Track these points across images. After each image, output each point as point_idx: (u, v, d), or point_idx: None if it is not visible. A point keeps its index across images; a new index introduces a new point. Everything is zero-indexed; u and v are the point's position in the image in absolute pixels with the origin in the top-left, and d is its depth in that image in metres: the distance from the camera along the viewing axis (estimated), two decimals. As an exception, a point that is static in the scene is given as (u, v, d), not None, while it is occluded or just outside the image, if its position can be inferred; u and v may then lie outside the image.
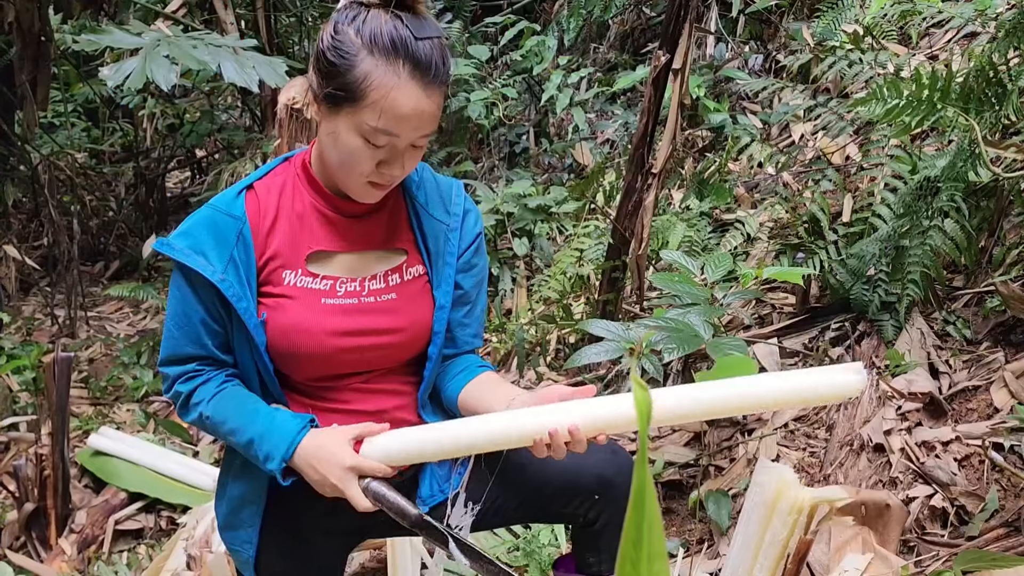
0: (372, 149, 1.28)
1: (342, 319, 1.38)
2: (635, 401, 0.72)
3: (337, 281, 1.39)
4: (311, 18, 5.63)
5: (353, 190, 1.35)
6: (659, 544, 0.57)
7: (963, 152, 2.47)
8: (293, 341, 1.36)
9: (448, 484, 1.50)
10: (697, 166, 4.42)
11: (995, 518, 2.00)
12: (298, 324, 1.36)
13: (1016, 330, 2.45)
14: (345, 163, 1.31)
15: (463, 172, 4.99)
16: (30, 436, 3.65)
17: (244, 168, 4.18)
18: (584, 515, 1.50)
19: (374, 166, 1.30)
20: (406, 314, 1.43)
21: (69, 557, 3.11)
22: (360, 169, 1.31)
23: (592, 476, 1.47)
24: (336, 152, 1.31)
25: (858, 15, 4.26)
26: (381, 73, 1.24)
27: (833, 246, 3.02)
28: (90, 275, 6.01)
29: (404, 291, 1.44)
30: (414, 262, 1.46)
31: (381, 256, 1.44)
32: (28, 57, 4.61)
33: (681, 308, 2.44)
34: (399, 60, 1.24)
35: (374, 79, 1.24)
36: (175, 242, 1.35)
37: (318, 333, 1.36)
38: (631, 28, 5.93)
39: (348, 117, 1.28)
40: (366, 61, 1.25)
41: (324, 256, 1.39)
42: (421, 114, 1.27)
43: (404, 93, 1.25)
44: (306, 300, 1.37)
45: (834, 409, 2.54)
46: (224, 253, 1.34)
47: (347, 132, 1.29)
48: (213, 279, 1.32)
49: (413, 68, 1.25)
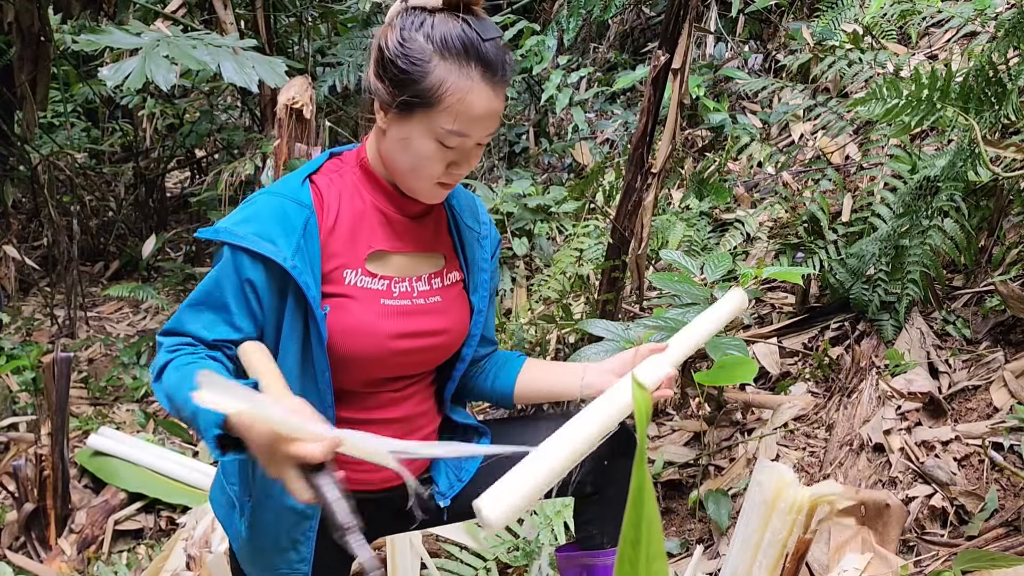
0: (444, 151, 1.30)
1: (400, 321, 1.38)
2: (634, 402, 0.72)
3: (392, 281, 1.40)
4: (310, 18, 5.63)
5: (422, 192, 1.36)
6: (658, 544, 0.57)
7: (963, 152, 2.47)
8: (354, 342, 1.34)
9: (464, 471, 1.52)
10: (697, 166, 4.42)
11: (995, 518, 2.00)
12: (360, 326, 1.34)
13: (1016, 330, 2.45)
14: (417, 167, 1.32)
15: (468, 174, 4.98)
16: (30, 436, 3.65)
17: (244, 168, 4.18)
18: (591, 482, 1.52)
19: (445, 167, 1.32)
20: (450, 317, 1.46)
21: (69, 557, 3.11)
22: (432, 171, 1.32)
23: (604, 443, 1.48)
24: (407, 156, 1.32)
25: (858, 15, 4.26)
26: (455, 78, 1.25)
27: (833, 246, 3.02)
28: (90, 275, 6.01)
29: (447, 294, 1.46)
30: (452, 268, 1.49)
31: (427, 259, 1.46)
32: (28, 57, 4.61)
33: (681, 308, 2.44)
34: (471, 63, 1.26)
35: (450, 84, 1.25)
36: (237, 229, 1.28)
37: (379, 335, 1.35)
38: (631, 28, 5.93)
39: (422, 122, 1.28)
40: (440, 67, 1.25)
41: (382, 256, 1.40)
42: (492, 114, 1.30)
43: (478, 95, 1.27)
44: (367, 301, 1.36)
45: (834, 409, 2.54)
46: (292, 240, 1.29)
47: (421, 137, 1.29)
48: (285, 265, 1.26)
49: (484, 70, 1.27)
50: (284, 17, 5.71)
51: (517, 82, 5.49)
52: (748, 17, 5.20)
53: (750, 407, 2.71)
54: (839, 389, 2.59)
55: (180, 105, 6.19)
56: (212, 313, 1.30)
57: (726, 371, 2.11)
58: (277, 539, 1.41)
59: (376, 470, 1.43)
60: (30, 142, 5.38)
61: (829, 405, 2.57)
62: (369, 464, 1.41)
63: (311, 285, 1.29)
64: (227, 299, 1.29)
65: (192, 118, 6.17)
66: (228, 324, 1.30)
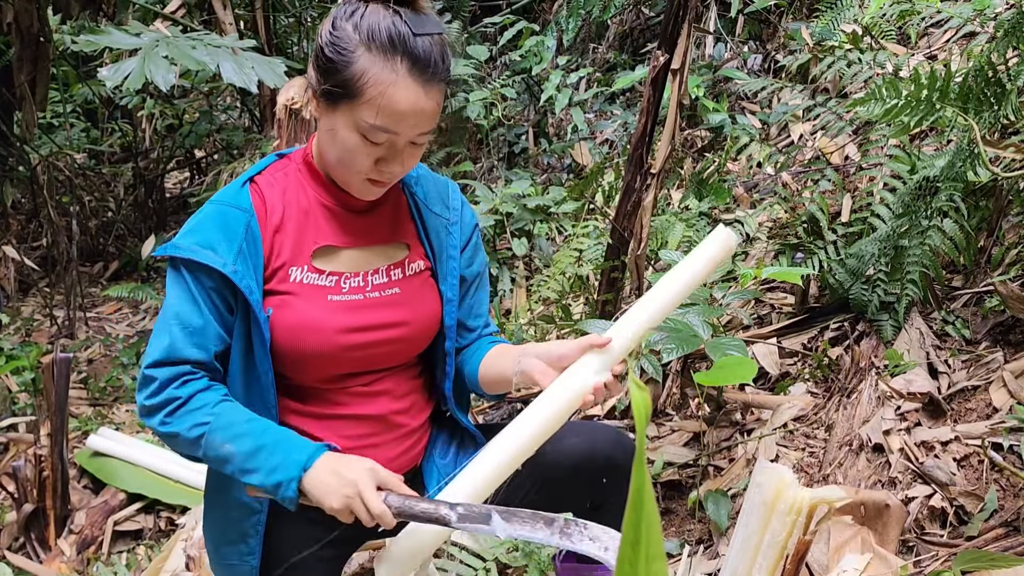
0: (370, 146, 1.27)
1: (348, 316, 1.36)
2: (634, 402, 0.72)
3: (342, 277, 1.38)
4: (310, 18, 5.63)
5: (352, 187, 1.34)
6: (657, 545, 0.57)
7: (962, 152, 2.47)
8: (300, 339, 1.33)
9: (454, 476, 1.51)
10: (696, 166, 4.42)
11: (994, 518, 2.00)
12: (306, 322, 1.33)
13: (1015, 330, 2.45)
14: (343, 160, 1.30)
15: (462, 172, 4.99)
16: (29, 437, 3.65)
17: (243, 168, 4.18)
18: (590, 499, 1.51)
19: (373, 163, 1.29)
20: (411, 308, 1.43)
21: (68, 558, 3.10)
22: (358, 166, 1.29)
23: (603, 458, 1.48)
24: (334, 149, 1.30)
25: (857, 15, 4.26)
26: (378, 70, 1.22)
27: (832, 246, 3.02)
28: (89, 276, 6.01)
29: (407, 285, 1.43)
30: (416, 257, 1.46)
31: (384, 251, 1.43)
32: (27, 58, 4.61)
33: (680, 308, 2.44)
34: (396, 56, 1.22)
35: (371, 76, 1.22)
36: (180, 242, 1.30)
37: (326, 331, 1.34)
38: (630, 28, 5.93)
39: (346, 114, 1.26)
40: (363, 57, 1.23)
41: (330, 252, 1.38)
42: (419, 112, 1.25)
43: (402, 90, 1.23)
44: (312, 297, 1.35)
45: (833, 409, 2.54)
46: (233, 245, 1.29)
47: (345, 129, 1.27)
48: (225, 271, 1.27)
49: (411, 65, 1.23)
50: (283, 17, 5.71)
51: (516, 82, 5.49)
52: (747, 17, 5.20)
53: (749, 407, 2.71)
54: (838, 389, 2.59)
55: (179, 105, 6.19)
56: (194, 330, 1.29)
57: (725, 371, 2.11)
58: (226, 531, 1.43)
59: None
60: (29, 142, 5.38)
61: (828, 405, 2.57)
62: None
63: (253, 289, 1.30)
64: (200, 314, 1.29)
65: (191, 118, 6.17)
66: (215, 337, 1.31)
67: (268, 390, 1.36)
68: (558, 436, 1.45)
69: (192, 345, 1.29)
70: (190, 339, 1.29)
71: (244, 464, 1.24)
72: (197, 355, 1.29)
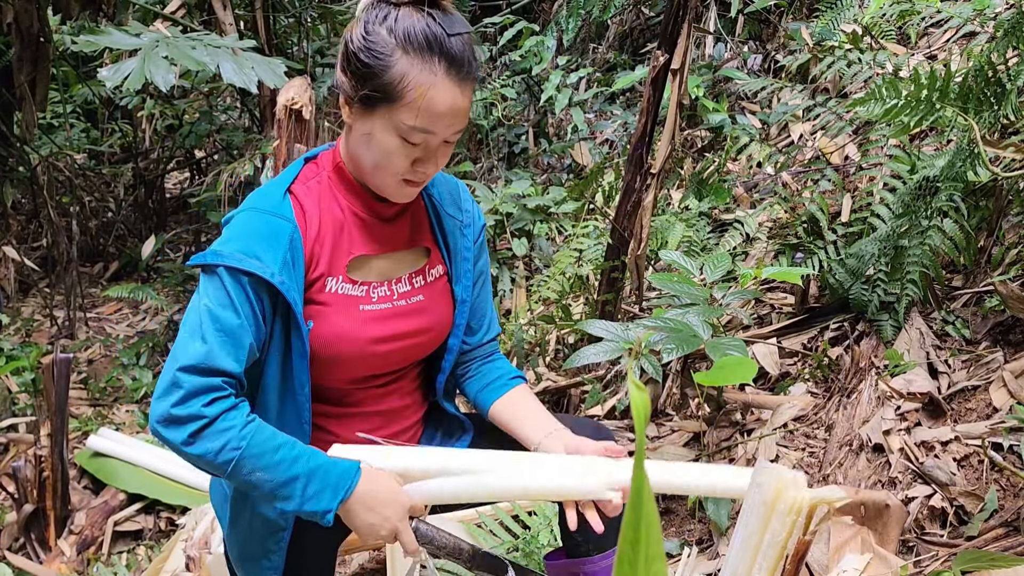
0: (408, 147, 1.28)
1: (379, 326, 1.38)
2: (633, 402, 0.72)
3: (370, 287, 1.39)
4: (310, 19, 5.62)
5: (388, 190, 1.34)
6: (657, 545, 0.57)
7: (962, 152, 2.47)
8: (336, 349, 1.34)
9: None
10: (696, 166, 4.42)
11: (994, 518, 2.00)
12: (341, 332, 1.35)
13: (1015, 330, 2.45)
14: (380, 164, 1.30)
15: (462, 172, 4.99)
16: (29, 437, 3.65)
17: (243, 169, 4.18)
18: None
19: (410, 164, 1.30)
20: (432, 314, 1.45)
21: (68, 558, 3.10)
22: (396, 168, 1.30)
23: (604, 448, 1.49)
24: (371, 153, 1.30)
25: (857, 15, 4.26)
26: (417, 72, 1.23)
27: (832, 246, 3.02)
28: (89, 276, 6.01)
29: (429, 292, 1.45)
30: (436, 262, 1.47)
31: (405, 258, 1.44)
32: (27, 58, 4.61)
33: (680, 308, 2.44)
34: (434, 58, 1.23)
35: (411, 79, 1.23)
36: (222, 249, 1.27)
37: (360, 341, 1.36)
38: (630, 28, 5.94)
39: (384, 118, 1.27)
40: (402, 61, 1.23)
41: (363, 261, 1.39)
42: (456, 111, 1.27)
43: (441, 91, 1.24)
44: (345, 307, 1.36)
45: (833, 409, 2.54)
46: (278, 255, 1.27)
47: (383, 132, 1.27)
48: (272, 281, 1.25)
49: (448, 65, 1.24)
50: (283, 18, 5.70)
51: (516, 82, 5.49)
52: (747, 17, 5.20)
53: (749, 407, 2.71)
54: (838, 389, 2.59)
55: (179, 106, 6.18)
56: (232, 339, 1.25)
57: (726, 371, 2.11)
58: (249, 546, 1.43)
59: None
60: (29, 143, 5.38)
61: (828, 405, 2.57)
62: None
63: (298, 300, 1.29)
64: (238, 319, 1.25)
65: (191, 119, 6.16)
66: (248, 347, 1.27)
67: (304, 405, 1.35)
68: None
69: (227, 354, 1.23)
70: (225, 346, 1.24)
71: (277, 492, 1.24)
72: (231, 366, 1.24)
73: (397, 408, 1.49)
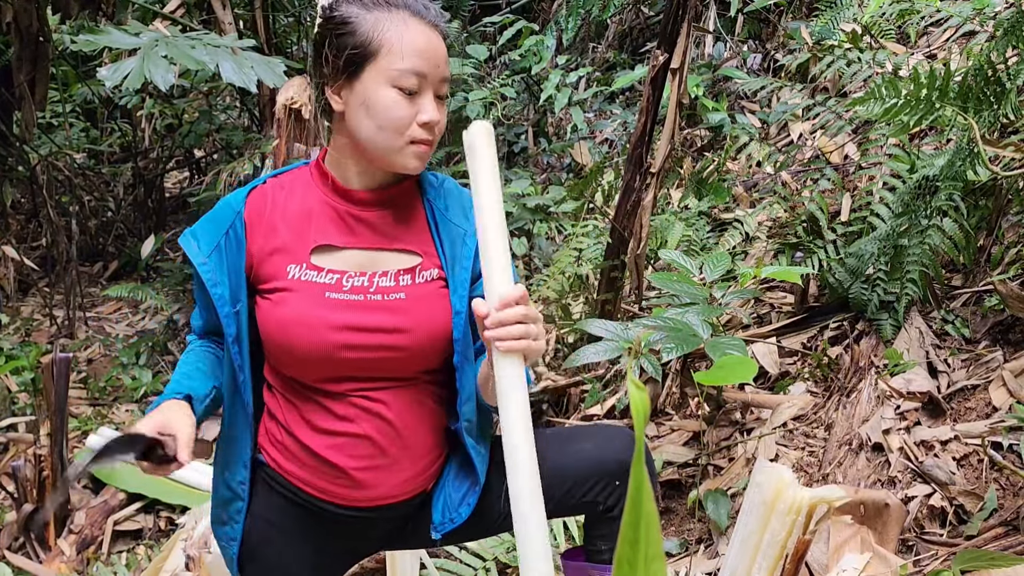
0: (406, 98, 1.31)
1: (344, 313, 1.34)
2: (633, 402, 0.72)
3: (344, 275, 1.37)
4: (309, 18, 5.62)
5: (398, 156, 1.35)
6: (657, 545, 0.57)
7: (961, 151, 2.47)
8: (290, 334, 1.33)
9: (458, 512, 1.47)
10: (696, 165, 4.42)
11: (994, 517, 2.00)
12: (297, 317, 1.33)
13: (1014, 329, 2.45)
14: (384, 125, 1.32)
15: (462, 172, 4.99)
16: (29, 437, 3.65)
17: (243, 168, 4.18)
18: (604, 502, 1.48)
19: (412, 119, 1.32)
20: (414, 316, 1.38)
21: (68, 558, 3.10)
22: (399, 123, 1.31)
23: (615, 462, 1.46)
24: (372, 118, 1.32)
25: (856, 14, 4.26)
26: (388, 20, 1.31)
27: (832, 245, 3.02)
28: (89, 275, 6.01)
29: (414, 292, 1.40)
30: (430, 265, 1.43)
31: (394, 256, 1.41)
32: (26, 57, 4.61)
33: (680, 307, 2.44)
34: (397, 8, 1.32)
35: (384, 26, 1.30)
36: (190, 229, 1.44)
37: (318, 327, 1.33)
38: (629, 27, 5.94)
39: (373, 75, 1.31)
40: (369, 17, 1.31)
41: (331, 250, 1.38)
42: (436, 49, 1.33)
43: (415, 31, 1.31)
44: (307, 293, 1.35)
45: (833, 408, 2.54)
46: (212, 240, 1.40)
47: (377, 89, 1.31)
48: (195, 261, 1.39)
49: (411, 12, 1.32)
50: (283, 17, 5.71)
51: (516, 82, 5.49)
52: (747, 17, 5.21)
53: (749, 407, 2.71)
54: (838, 389, 2.60)
55: (179, 105, 6.18)
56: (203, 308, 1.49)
57: (725, 371, 2.11)
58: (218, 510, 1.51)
59: (361, 488, 1.42)
60: (29, 142, 5.38)
61: (828, 405, 2.57)
62: (352, 481, 1.41)
63: (217, 282, 1.38)
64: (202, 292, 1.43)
65: (191, 118, 6.16)
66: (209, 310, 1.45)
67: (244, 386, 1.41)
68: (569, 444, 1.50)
69: (201, 318, 1.50)
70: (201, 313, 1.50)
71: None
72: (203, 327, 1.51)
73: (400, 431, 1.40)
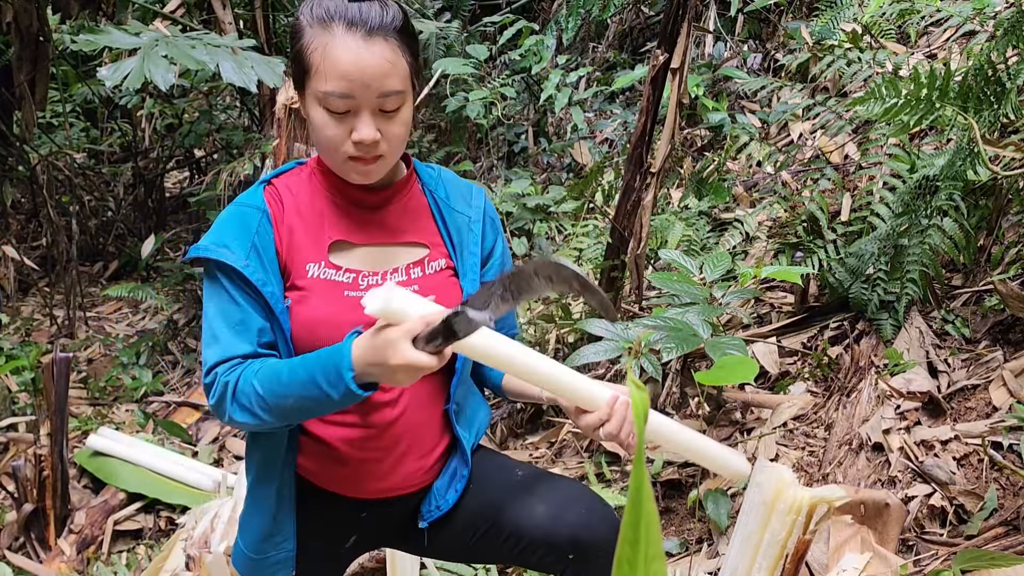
0: (336, 118, 1.29)
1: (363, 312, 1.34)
2: (633, 401, 0.72)
3: (359, 275, 1.38)
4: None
5: (341, 170, 1.36)
6: (657, 545, 0.57)
7: (962, 151, 2.47)
8: (317, 335, 1.33)
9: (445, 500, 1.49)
10: (696, 165, 4.42)
11: (994, 517, 2.00)
12: (322, 317, 1.34)
13: (1015, 329, 2.45)
14: (321, 142, 1.32)
15: (462, 172, 4.99)
16: (29, 437, 3.65)
17: (243, 168, 4.18)
18: (561, 572, 1.47)
19: (346, 136, 1.30)
20: None
21: (68, 558, 3.11)
22: (333, 143, 1.30)
23: (566, 538, 1.43)
24: (314, 135, 1.33)
25: (857, 14, 4.26)
26: (319, 37, 1.27)
27: (832, 245, 3.02)
28: (89, 275, 6.01)
29: (427, 283, 1.42)
30: (438, 256, 1.45)
31: (403, 250, 1.43)
32: (26, 57, 4.61)
33: (680, 307, 2.44)
34: (332, 23, 1.27)
35: (314, 43, 1.28)
36: (203, 243, 1.36)
37: (342, 325, 1.33)
38: (629, 27, 5.94)
39: (308, 92, 1.31)
40: (308, 32, 1.29)
41: (346, 247, 1.39)
42: (364, 68, 1.26)
43: (339, 48, 1.26)
44: (328, 293, 1.36)
45: (833, 408, 2.54)
46: (245, 241, 1.34)
47: (311, 109, 1.31)
48: (238, 266, 1.31)
49: (347, 26, 1.27)
50: (283, 17, 5.70)
51: (516, 81, 5.48)
52: (747, 16, 5.20)
53: (749, 406, 2.71)
54: (838, 388, 2.60)
55: (179, 105, 6.18)
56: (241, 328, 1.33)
57: (726, 371, 2.11)
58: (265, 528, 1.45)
59: (371, 479, 1.43)
60: (29, 142, 5.38)
61: (828, 404, 2.57)
62: (362, 472, 1.42)
63: (266, 282, 1.33)
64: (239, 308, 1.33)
65: (191, 118, 6.16)
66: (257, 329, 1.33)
67: None
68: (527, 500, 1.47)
69: (240, 340, 1.32)
70: (236, 335, 1.32)
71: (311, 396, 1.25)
72: (246, 349, 1.32)
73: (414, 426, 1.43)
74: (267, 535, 1.45)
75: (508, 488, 1.51)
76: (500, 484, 1.52)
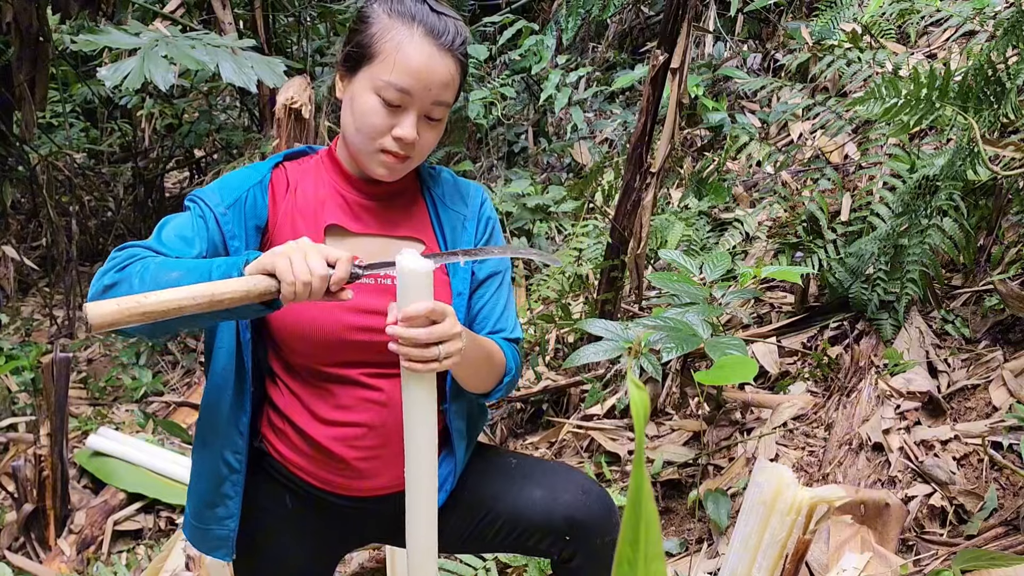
0: (386, 109, 1.32)
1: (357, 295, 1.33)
2: (632, 401, 0.72)
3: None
4: (309, 18, 5.62)
5: (367, 158, 1.36)
6: (656, 545, 0.57)
7: (962, 151, 2.47)
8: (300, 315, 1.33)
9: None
10: (696, 165, 4.42)
11: (994, 517, 2.00)
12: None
13: (1014, 328, 2.45)
14: (360, 128, 1.34)
15: (462, 172, 4.99)
16: (29, 437, 3.65)
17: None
18: (558, 553, 1.49)
19: (388, 130, 1.33)
20: None
21: (68, 558, 3.11)
22: (372, 129, 1.33)
23: (561, 517, 1.46)
24: (352, 116, 1.35)
25: (856, 14, 4.26)
26: (396, 30, 1.31)
27: (832, 245, 3.02)
28: (89, 275, 6.00)
29: None
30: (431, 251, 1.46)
31: (398, 244, 1.44)
32: (26, 57, 4.60)
33: (680, 307, 2.44)
34: (414, 23, 1.32)
35: (389, 34, 1.31)
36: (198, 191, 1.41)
37: (333, 307, 1.34)
38: (629, 27, 5.94)
39: (363, 78, 1.33)
40: (384, 22, 1.33)
41: (342, 234, 1.41)
42: (432, 72, 1.31)
43: (416, 48, 1.31)
44: None
45: (833, 408, 2.54)
46: (233, 196, 1.37)
47: (362, 92, 1.33)
48: (216, 211, 1.34)
49: (427, 31, 1.32)
50: (283, 17, 5.71)
51: (516, 81, 5.49)
52: (747, 16, 5.20)
53: (749, 406, 2.71)
54: (838, 388, 2.60)
55: (179, 105, 6.18)
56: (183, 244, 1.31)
57: (726, 371, 2.11)
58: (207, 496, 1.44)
59: (361, 478, 1.43)
60: (29, 142, 5.38)
61: (828, 404, 2.57)
62: (353, 471, 1.41)
63: (236, 235, 1.35)
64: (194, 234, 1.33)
65: (191, 118, 6.16)
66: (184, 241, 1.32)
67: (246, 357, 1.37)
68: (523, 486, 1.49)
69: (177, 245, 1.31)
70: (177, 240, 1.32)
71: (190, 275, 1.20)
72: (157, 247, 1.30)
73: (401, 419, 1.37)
74: (208, 503, 1.44)
75: (504, 477, 1.52)
76: (495, 475, 1.53)
